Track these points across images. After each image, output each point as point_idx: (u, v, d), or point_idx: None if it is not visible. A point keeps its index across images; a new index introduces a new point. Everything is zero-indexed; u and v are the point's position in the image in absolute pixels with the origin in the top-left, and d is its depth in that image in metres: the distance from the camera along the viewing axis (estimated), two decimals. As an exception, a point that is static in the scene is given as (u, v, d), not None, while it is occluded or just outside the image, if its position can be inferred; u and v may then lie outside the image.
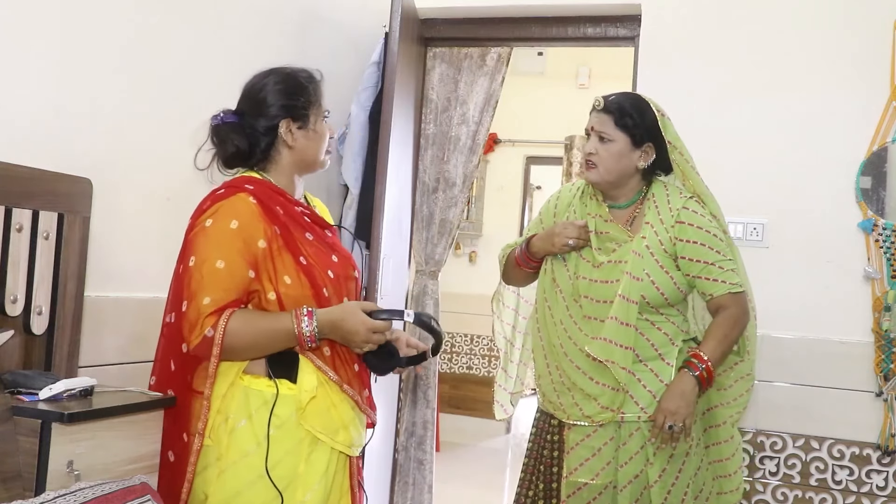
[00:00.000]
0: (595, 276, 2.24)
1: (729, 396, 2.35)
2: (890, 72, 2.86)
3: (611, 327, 2.17)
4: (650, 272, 2.18)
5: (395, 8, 3.16)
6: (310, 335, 1.82)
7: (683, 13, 3.15)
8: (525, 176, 6.51)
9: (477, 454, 5.88)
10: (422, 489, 3.67)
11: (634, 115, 2.24)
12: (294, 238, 1.92)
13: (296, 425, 1.87)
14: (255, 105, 1.98)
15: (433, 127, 3.74)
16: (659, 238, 2.22)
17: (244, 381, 1.87)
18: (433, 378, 3.72)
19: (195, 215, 1.93)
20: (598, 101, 2.26)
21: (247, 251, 1.84)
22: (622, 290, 2.17)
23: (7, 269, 1.88)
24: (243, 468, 1.84)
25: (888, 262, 2.81)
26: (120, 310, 2.31)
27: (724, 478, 2.35)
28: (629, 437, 2.18)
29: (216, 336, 1.78)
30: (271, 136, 1.97)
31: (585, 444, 2.20)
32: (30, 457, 1.67)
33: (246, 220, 1.85)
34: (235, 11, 2.76)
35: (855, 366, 2.83)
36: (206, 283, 1.81)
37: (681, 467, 2.19)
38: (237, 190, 1.90)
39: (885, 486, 2.80)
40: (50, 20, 2.08)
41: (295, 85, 1.99)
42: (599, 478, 2.17)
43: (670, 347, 2.22)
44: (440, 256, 3.74)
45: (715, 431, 2.34)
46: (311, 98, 2.00)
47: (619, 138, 2.23)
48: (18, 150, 1.96)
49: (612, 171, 2.24)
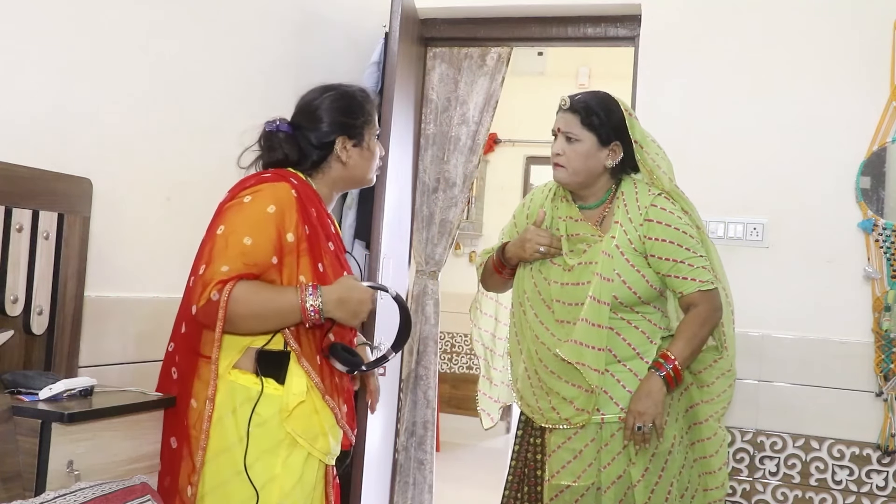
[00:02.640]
0: (566, 280, 2.23)
1: (712, 393, 2.34)
2: (890, 72, 2.86)
3: (581, 329, 2.16)
4: (621, 272, 2.17)
5: (395, 8, 3.16)
6: (313, 309, 1.84)
7: (683, 13, 3.15)
8: (525, 176, 6.50)
9: (477, 454, 5.88)
10: (422, 489, 3.67)
11: (601, 114, 2.22)
12: (319, 243, 1.95)
13: (277, 426, 1.87)
14: (311, 119, 2.02)
15: (433, 127, 3.74)
16: (629, 237, 2.20)
17: (231, 374, 1.88)
18: (433, 378, 3.72)
19: (235, 189, 1.96)
20: (564, 100, 2.25)
21: (276, 237, 1.87)
22: (592, 292, 2.16)
23: (7, 269, 1.88)
24: (225, 462, 1.85)
25: (888, 262, 2.81)
26: (120, 310, 2.31)
27: (709, 474, 2.33)
28: (611, 438, 2.17)
29: (220, 300, 1.79)
30: (325, 151, 2.02)
31: (566, 447, 2.20)
32: (30, 457, 1.67)
33: (283, 209, 1.88)
34: (235, 12, 2.76)
35: (855, 366, 2.83)
36: (228, 253, 1.83)
37: (664, 465, 2.19)
38: (283, 178, 1.94)
39: (885, 486, 2.79)
40: (50, 20, 2.08)
41: (352, 103, 2.04)
42: (582, 479, 2.17)
43: (648, 346, 2.21)
44: (440, 256, 3.74)
45: (698, 428, 2.33)
46: (368, 117, 2.06)
47: (585, 138, 2.21)
48: (18, 150, 1.96)
49: (580, 172, 2.23)
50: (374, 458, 3.27)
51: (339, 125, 2.01)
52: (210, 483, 1.86)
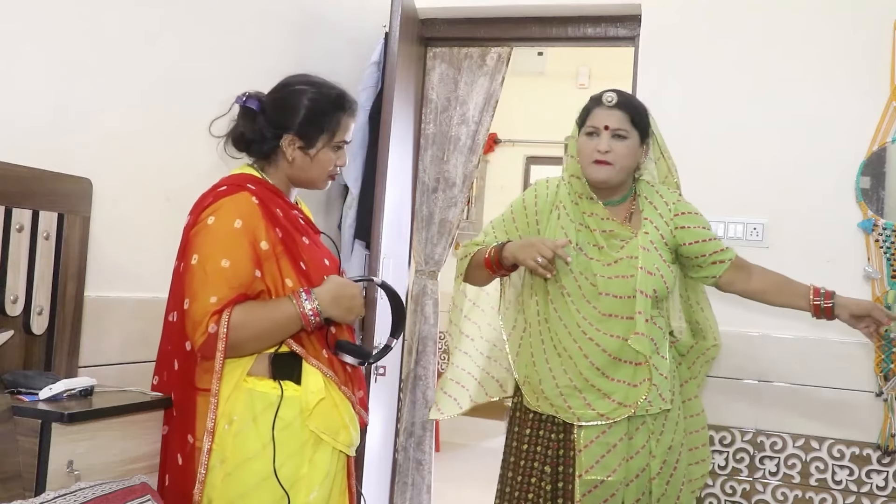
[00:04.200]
0: (611, 274, 2.23)
1: (694, 372, 2.47)
2: (890, 72, 2.86)
3: (640, 322, 2.19)
4: (659, 267, 2.23)
5: (395, 8, 3.16)
6: (312, 311, 1.84)
7: (683, 13, 3.15)
8: (525, 176, 6.50)
9: (477, 454, 5.87)
10: (420, 490, 3.67)
11: (641, 113, 2.27)
12: (294, 242, 1.93)
13: (300, 427, 1.87)
14: (275, 107, 1.98)
15: (433, 127, 3.74)
16: (660, 232, 2.26)
17: (248, 382, 1.87)
18: (433, 378, 3.72)
19: (195, 211, 1.92)
20: (609, 97, 2.23)
21: (252, 251, 1.84)
22: (639, 285, 2.19)
23: (7, 269, 1.88)
24: (248, 471, 1.84)
25: (888, 262, 2.81)
26: (120, 310, 2.31)
27: (696, 449, 2.44)
28: (636, 432, 2.21)
29: (220, 331, 1.78)
30: (274, 143, 1.97)
31: (600, 441, 2.19)
32: (30, 457, 1.67)
33: (249, 220, 1.85)
34: (235, 12, 2.76)
35: (855, 366, 2.83)
36: (211, 282, 1.80)
37: (677, 458, 2.26)
38: (239, 188, 1.89)
39: (885, 486, 2.80)
40: (50, 20, 2.08)
41: (320, 107, 1.97)
42: (616, 474, 2.18)
43: (663, 341, 2.27)
44: (440, 256, 3.74)
45: (690, 405, 2.44)
46: (328, 126, 1.97)
47: (633, 136, 2.24)
48: (18, 150, 1.96)
49: (625, 169, 2.25)
50: (373, 458, 3.27)
51: (294, 123, 1.95)
52: (234, 493, 1.84)
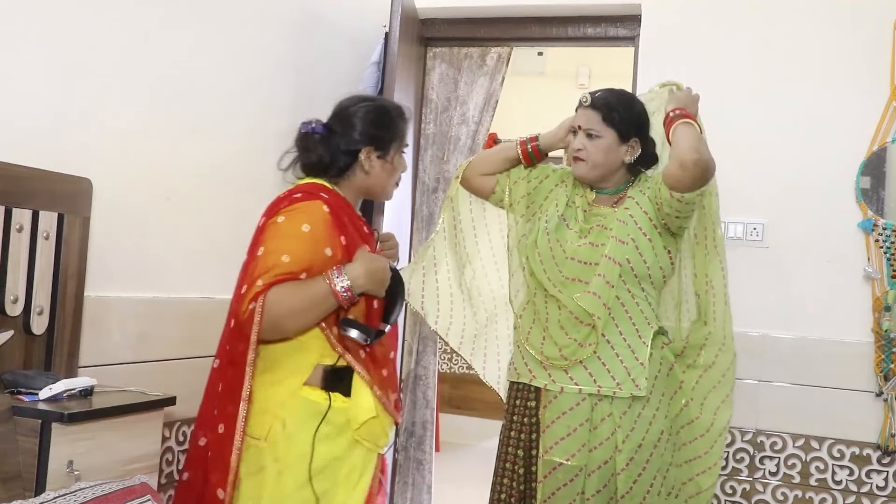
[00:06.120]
0: (582, 242, 2.27)
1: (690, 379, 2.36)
2: (890, 72, 2.86)
3: (598, 283, 2.21)
4: (634, 238, 2.22)
5: (395, 8, 3.16)
6: (344, 288, 1.90)
7: (683, 13, 3.15)
8: (525, 176, 6.50)
9: (477, 454, 5.87)
10: (421, 489, 3.67)
11: (621, 111, 2.26)
12: (357, 249, 2.01)
13: (345, 438, 1.95)
14: (344, 125, 2.08)
15: (433, 127, 3.74)
16: (643, 209, 2.25)
17: (303, 392, 1.94)
18: (432, 378, 3.72)
19: (269, 212, 1.99)
20: (584, 97, 2.30)
21: (313, 252, 1.92)
22: (608, 252, 2.21)
23: (7, 269, 1.88)
24: (298, 471, 1.90)
25: (888, 262, 2.81)
26: (120, 310, 2.31)
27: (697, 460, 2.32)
28: (600, 422, 2.19)
29: (257, 306, 1.85)
30: (351, 158, 2.07)
31: (561, 423, 2.21)
32: (30, 457, 1.67)
33: (317, 226, 1.93)
34: (235, 11, 2.76)
35: (855, 366, 2.83)
36: (265, 268, 1.88)
37: (648, 458, 2.20)
38: (314, 196, 1.98)
39: (885, 486, 2.79)
40: (50, 20, 2.08)
41: (385, 117, 2.11)
42: (575, 459, 2.18)
43: (647, 328, 2.25)
44: (440, 256, 3.73)
45: (684, 413, 2.32)
46: (397, 133, 2.12)
47: (606, 134, 2.26)
48: (18, 150, 1.96)
49: (599, 166, 2.28)
50: (373, 458, 3.26)
51: (369, 135, 2.07)
52: (285, 490, 1.90)
